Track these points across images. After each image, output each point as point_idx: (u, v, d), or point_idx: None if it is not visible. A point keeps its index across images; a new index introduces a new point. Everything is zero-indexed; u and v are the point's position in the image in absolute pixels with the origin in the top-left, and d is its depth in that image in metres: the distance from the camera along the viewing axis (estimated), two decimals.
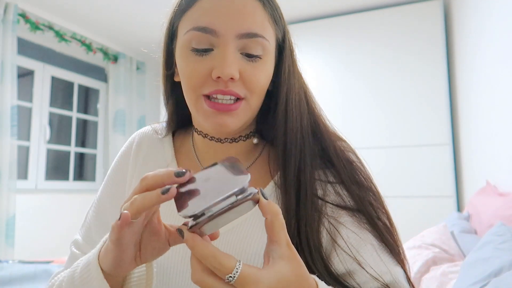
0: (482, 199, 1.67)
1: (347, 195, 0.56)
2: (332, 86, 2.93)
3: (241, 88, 0.53)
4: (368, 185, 0.57)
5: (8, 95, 2.46)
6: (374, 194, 0.57)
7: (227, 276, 0.36)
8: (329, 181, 0.57)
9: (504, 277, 0.83)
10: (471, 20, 2.19)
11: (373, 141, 2.75)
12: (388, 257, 0.53)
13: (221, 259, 0.37)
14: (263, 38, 0.52)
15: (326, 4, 2.88)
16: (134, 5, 2.84)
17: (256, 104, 0.56)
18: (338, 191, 0.56)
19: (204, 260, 0.37)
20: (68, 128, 3.27)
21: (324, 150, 0.59)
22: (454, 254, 1.36)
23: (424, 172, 2.61)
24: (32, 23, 2.78)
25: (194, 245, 0.37)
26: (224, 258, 0.37)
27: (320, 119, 0.61)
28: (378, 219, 0.55)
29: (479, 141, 2.09)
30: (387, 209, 0.57)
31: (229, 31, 0.51)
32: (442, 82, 2.64)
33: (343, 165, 0.57)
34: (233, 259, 0.37)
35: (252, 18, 0.52)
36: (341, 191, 0.56)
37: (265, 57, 0.54)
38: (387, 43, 2.81)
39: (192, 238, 0.38)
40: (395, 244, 0.55)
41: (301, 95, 0.59)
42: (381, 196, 0.57)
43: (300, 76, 0.61)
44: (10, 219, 2.42)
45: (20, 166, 2.76)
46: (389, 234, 0.55)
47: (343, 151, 0.59)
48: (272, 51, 0.55)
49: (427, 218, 2.50)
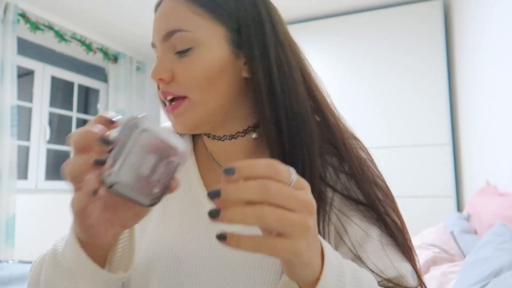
0: (482, 199, 1.67)
1: (356, 189, 0.54)
2: (332, 86, 2.92)
3: (178, 87, 0.53)
4: (378, 182, 0.56)
5: (8, 95, 2.46)
6: (385, 192, 0.56)
7: (291, 172, 0.34)
8: (338, 169, 0.55)
9: (504, 277, 0.83)
10: (471, 20, 2.19)
11: (373, 141, 2.75)
12: (395, 252, 0.52)
13: (277, 163, 0.33)
14: (185, 31, 0.51)
15: (326, 4, 2.88)
16: (134, 5, 2.84)
17: (203, 99, 0.53)
18: (346, 184, 0.55)
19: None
20: (68, 128, 3.27)
21: (331, 141, 0.56)
22: (454, 254, 1.36)
23: (424, 172, 2.61)
24: (32, 23, 2.78)
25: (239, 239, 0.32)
26: (278, 165, 0.33)
27: (325, 106, 0.57)
28: (387, 215, 0.53)
29: (479, 141, 2.09)
30: (397, 207, 0.56)
31: (157, 38, 0.54)
32: (442, 82, 2.64)
33: (352, 158, 0.55)
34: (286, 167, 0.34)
35: (170, 17, 0.52)
36: (350, 184, 0.55)
37: (199, 48, 0.52)
38: (387, 43, 2.81)
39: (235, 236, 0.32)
40: (405, 242, 0.53)
41: (292, 69, 0.54)
42: (391, 195, 0.57)
43: (287, 47, 0.55)
44: (10, 219, 2.42)
45: (20, 166, 2.76)
46: (398, 231, 0.54)
47: (352, 147, 0.57)
48: (213, 39, 0.52)
49: (427, 218, 2.50)
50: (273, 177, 0.32)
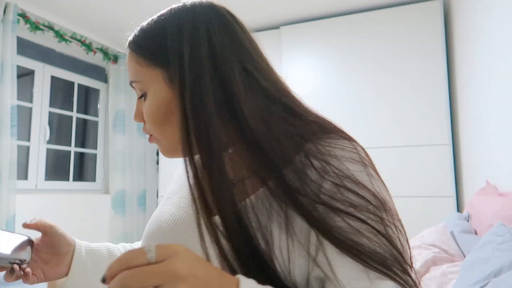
0: (482, 199, 1.67)
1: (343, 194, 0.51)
2: (332, 86, 2.93)
3: (146, 127, 0.62)
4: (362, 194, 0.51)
5: (8, 95, 2.46)
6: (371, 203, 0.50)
7: (146, 251, 0.37)
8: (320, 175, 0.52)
9: (504, 277, 0.83)
10: (471, 20, 2.19)
11: (373, 141, 2.75)
12: (362, 269, 0.47)
13: (131, 252, 0.37)
14: (136, 82, 0.61)
15: (326, 5, 2.88)
16: (134, 5, 2.84)
17: (162, 135, 0.60)
18: (332, 189, 0.51)
19: (119, 266, 0.36)
20: (68, 128, 3.27)
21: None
22: (454, 254, 1.36)
23: (424, 172, 2.62)
24: (32, 23, 2.78)
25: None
26: (132, 250, 0.38)
27: (290, 99, 0.58)
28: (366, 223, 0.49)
29: (479, 141, 2.09)
30: (392, 217, 0.51)
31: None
32: (442, 82, 2.65)
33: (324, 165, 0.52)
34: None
35: (128, 69, 0.62)
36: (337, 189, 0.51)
37: (149, 93, 0.59)
38: (387, 43, 2.81)
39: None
40: (389, 253, 0.47)
41: (231, 74, 0.54)
42: (383, 203, 0.51)
43: (231, 52, 0.56)
44: (10, 219, 2.42)
45: (20, 166, 2.76)
46: (379, 242, 0.48)
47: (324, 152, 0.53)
48: (156, 82, 0.58)
49: (427, 218, 2.51)
50: (130, 266, 0.36)
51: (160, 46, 0.57)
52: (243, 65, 0.56)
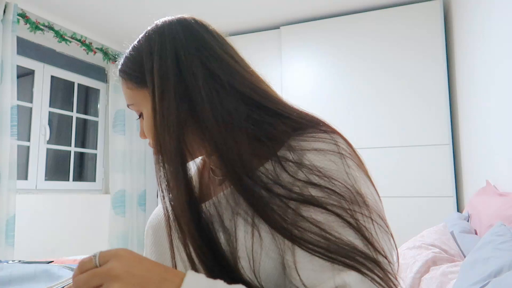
0: (482, 199, 1.67)
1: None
2: (332, 87, 2.93)
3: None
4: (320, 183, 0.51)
5: (8, 95, 2.46)
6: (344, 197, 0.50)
7: (92, 257, 0.44)
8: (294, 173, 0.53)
9: (504, 277, 0.83)
10: (471, 20, 2.19)
11: (373, 141, 2.75)
12: (327, 264, 0.47)
13: (85, 258, 0.45)
14: (131, 105, 0.65)
15: (326, 5, 2.88)
16: (134, 5, 2.84)
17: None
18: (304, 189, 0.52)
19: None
20: (68, 128, 3.27)
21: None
22: (454, 254, 1.36)
23: (424, 172, 2.62)
24: (32, 23, 2.78)
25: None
26: (85, 258, 0.45)
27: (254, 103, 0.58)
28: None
29: (479, 141, 2.09)
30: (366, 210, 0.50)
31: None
32: (442, 82, 2.65)
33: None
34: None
35: (124, 95, 0.67)
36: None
37: (144, 111, 0.64)
38: (387, 43, 2.81)
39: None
40: (357, 245, 0.47)
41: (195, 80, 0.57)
42: (356, 195, 0.50)
43: (197, 63, 0.58)
44: (10, 219, 2.42)
45: (20, 166, 2.76)
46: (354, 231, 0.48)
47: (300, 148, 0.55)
48: (146, 101, 0.62)
49: (427, 218, 2.51)
50: (82, 271, 0.44)
51: (141, 69, 0.62)
52: (211, 72, 0.58)
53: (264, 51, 3.18)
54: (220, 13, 2.98)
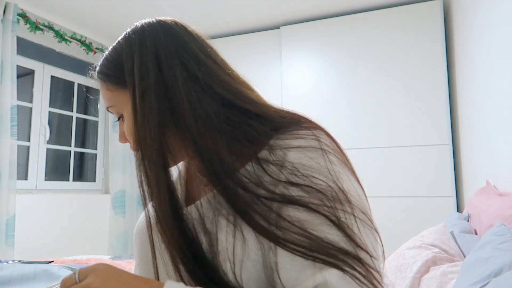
0: (482, 199, 1.67)
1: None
2: (332, 86, 2.93)
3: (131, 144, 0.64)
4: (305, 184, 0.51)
5: (8, 95, 2.46)
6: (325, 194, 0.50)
7: (72, 274, 0.47)
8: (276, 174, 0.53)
9: (504, 277, 0.83)
10: (471, 20, 2.19)
11: (373, 141, 2.75)
12: (308, 263, 0.47)
13: (68, 276, 0.48)
14: (111, 107, 0.64)
15: (326, 5, 2.88)
16: (134, 5, 2.84)
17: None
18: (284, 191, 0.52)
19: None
20: (68, 128, 3.27)
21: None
22: (454, 254, 1.36)
23: (424, 172, 2.62)
24: (32, 23, 2.78)
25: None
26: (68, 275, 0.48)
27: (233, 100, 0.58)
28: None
29: (479, 141, 2.09)
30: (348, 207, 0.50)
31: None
32: (442, 82, 2.65)
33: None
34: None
35: (103, 98, 0.66)
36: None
37: (124, 113, 0.63)
38: (387, 43, 2.81)
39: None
40: (338, 242, 0.47)
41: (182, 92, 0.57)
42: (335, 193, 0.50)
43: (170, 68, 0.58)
44: (10, 219, 2.42)
45: (20, 166, 2.76)
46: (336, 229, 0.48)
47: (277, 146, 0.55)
48: (126, 103, 0.61)
49: (427, 218, 2.51)
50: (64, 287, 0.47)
51: (121, 70, 0.61)
52: (191, 73, 0.58)
53: (264, 51, 3.18)
54: (220, 13, 2.98)
